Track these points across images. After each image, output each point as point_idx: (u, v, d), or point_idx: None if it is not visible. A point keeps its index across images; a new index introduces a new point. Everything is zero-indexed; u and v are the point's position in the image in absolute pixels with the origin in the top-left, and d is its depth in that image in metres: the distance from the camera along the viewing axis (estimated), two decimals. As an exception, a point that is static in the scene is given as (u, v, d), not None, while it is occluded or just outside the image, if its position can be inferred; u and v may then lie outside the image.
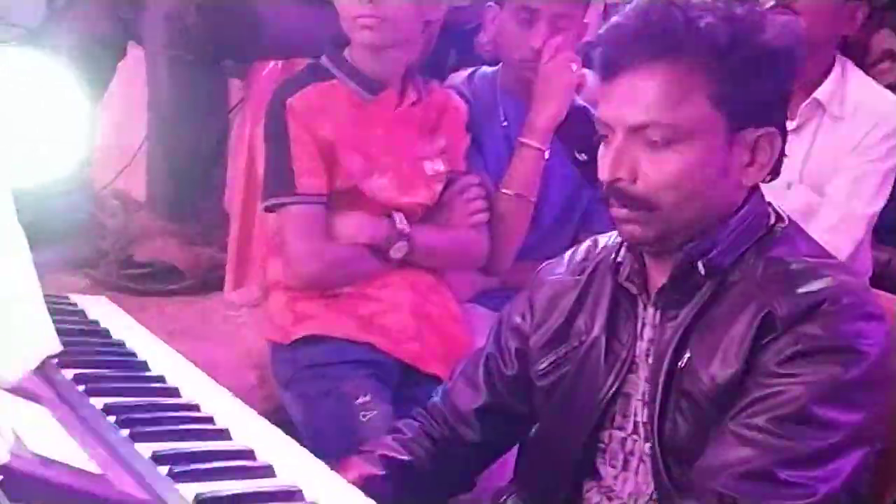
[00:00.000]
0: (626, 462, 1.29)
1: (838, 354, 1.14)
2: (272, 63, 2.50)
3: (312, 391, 1.84)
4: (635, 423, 1.28)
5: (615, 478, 1.29)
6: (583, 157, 2.18)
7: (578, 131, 2.15)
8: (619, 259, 1.30)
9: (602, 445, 1.30)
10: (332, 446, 1.58)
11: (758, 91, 1.20)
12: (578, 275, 1.37)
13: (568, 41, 2.06)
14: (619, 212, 1.22)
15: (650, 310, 1.27)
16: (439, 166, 1.96)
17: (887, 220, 2.38)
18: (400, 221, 1.87)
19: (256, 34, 2.39)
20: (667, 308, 1.24)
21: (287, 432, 1.17)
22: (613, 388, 1.28)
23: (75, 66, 1.37)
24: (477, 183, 2.01)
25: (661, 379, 1.22)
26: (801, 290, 1.16)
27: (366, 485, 1.19)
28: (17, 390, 0.92)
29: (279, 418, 1.56)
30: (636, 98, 1.18)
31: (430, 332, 1.92)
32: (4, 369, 0.85)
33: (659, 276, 1.25)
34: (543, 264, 1.47)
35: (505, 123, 2.13)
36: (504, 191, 2.07)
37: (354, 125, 1.88)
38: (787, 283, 1.18)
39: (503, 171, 2.09)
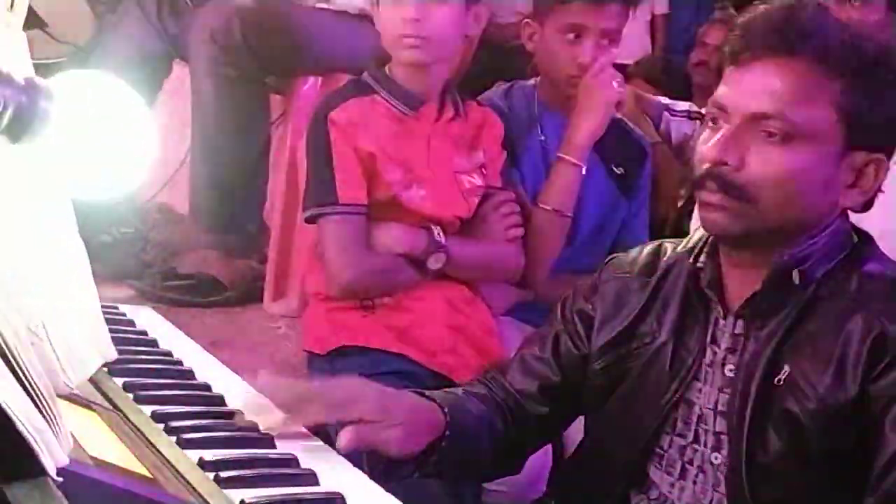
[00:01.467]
0: (683, 471, 1.28)
1: None
2: (312, 79, 2.55)
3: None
4: (697, 432, 1.27)
5: (671, 485, 1.29)
6: (619, 170, 2.21)
7: (615, 145, 2.18)
8: (699, 265, 1.29)
9: (660, 452, 1.30)
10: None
11: (884, 114, 1.20)
12: (647, 277, 1.35)
13: (612, 56, 2.09)
14: (711, 197, 1.20)
15: (729, 319, 1.26)
16: (476, 181, 1.99)
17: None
18: (438, 233, 1.91)
19: (299, 51, 2.45)
20: (753, 318, 1.23)
21: (325, 441, 1.19)
22: (678, 395, 1.27)
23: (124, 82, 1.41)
24: (513, 199, 2.04)
25: (753, 393, 1.20)
26: None
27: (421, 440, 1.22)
28: (71, 397, 0.96)
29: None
30: (766, 87, 1.18)
31: (465, 345, 1.95)
32: (65, 376, 0.88)
33: (737, 285, 1.25)
34: (609, 258, 1.46)
35: (542, 138, 2.15)
36: (541, 205, 2.09)
37: (394, 138, 1.92)
38: (893, 300, 1.18)
39: (539, 185, 2.11)
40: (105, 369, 1.15)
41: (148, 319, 1.49)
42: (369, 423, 1.18)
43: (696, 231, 1.34)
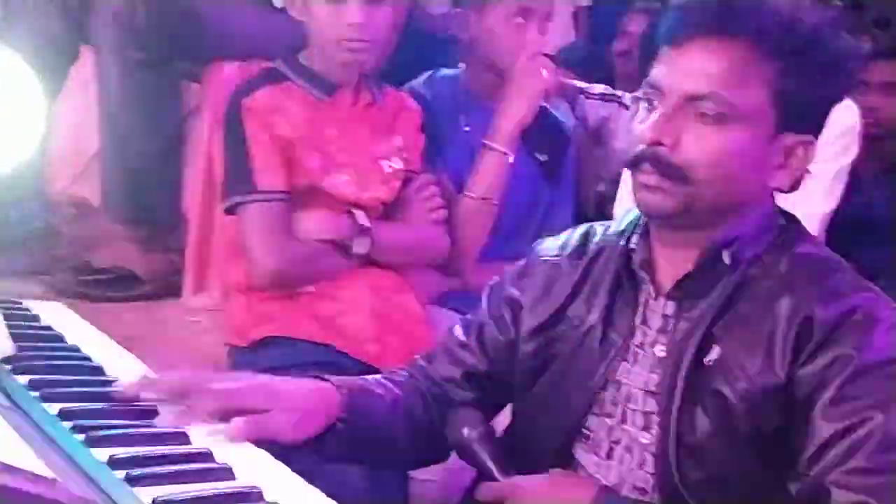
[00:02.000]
0: (610, 450, 1.27)
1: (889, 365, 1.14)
2: (227, 66, 2.48)
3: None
4: (625, 412, 1.26)
5: (598, 465, 1.28)
6: (543, 157, 2.20)
7: (539, 131, 2.16)
8: (631, 245, 1.28)
9: (587, 432, 1.29)
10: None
11: (815, 97, 1.20)
12: (577, 259, 1.35)
13: (545, 44, 2.09)
14: (647, 178, 1.20)
15: (661, 300, 1.25)
16: (397, 164, 1.96)
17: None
18: (361, 217, 1.87)
19: (204, 33, 2.37)
20: (684, 299, 1.23)
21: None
22: (606, 375, 1.26)
23: (29, 67, 1.35)
24: (434, 182, 2.01)
25: (683, 373, 1.20)
26: (837, 294, 1.16)
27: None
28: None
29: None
30: (702, 68, 1.17)
31: (391, 333, 1.91)
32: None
33: (669, 266, 1.25)
34: (538, 242, 1.45)
35: (467, 127, 2.14)
36: (468, 194, 2.07)
37: (311, 124, 1.88)
38: (821, 283, 1.18)
39: (465, 175, 2.09)
40: (7, 367, 1.09)
41: (55, 314, 1.43)
42: (260, 412, 1.17)
43: (629, 213, 1.33)
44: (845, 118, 2.23)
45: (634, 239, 1.29)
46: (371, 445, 1.34)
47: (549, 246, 1.40)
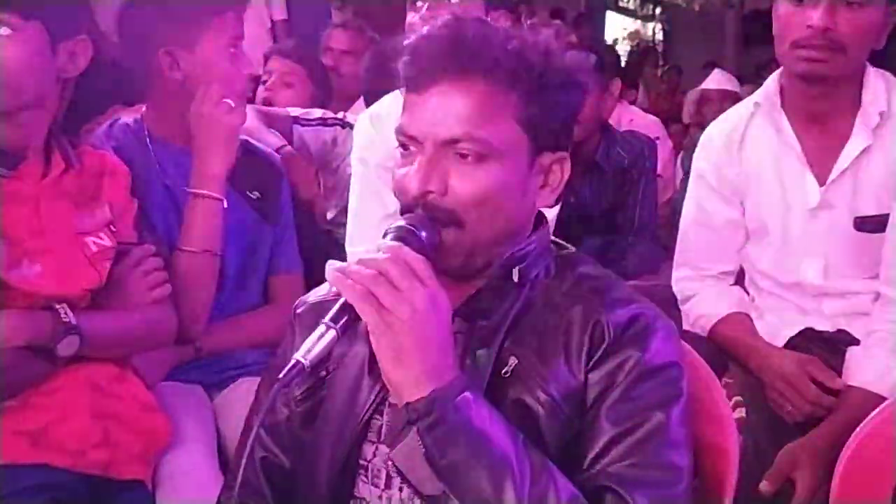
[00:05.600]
0: (388, 479, 1.23)
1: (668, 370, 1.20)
2: None
3: (-17, 535, 1.54)
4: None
5: (379, 498, 1.23)
6: (255, 194, 2.02)
7: (246, 169, 1.98)
8: None
9: (364, 463, 1.24)
10: None
11: (559, 117, 1.24)
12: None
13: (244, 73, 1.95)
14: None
15: None
16: (105, 241, 1.69)
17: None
18: (65, 313, 1.59)
19: None
20: (471, 317, 1.23)
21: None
22: (378, 399, 1.23)
23: None
24: (152, 253, 1.76)
25: (484, 385, 1.19)
26: (622, 302, 1.22)
27: None
28: None
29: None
30: (449, 112, 1.18)
31: (121, 432, 1.67)
32: None
33: (452, 289, 1.20)
34: (300, 299, 1.37)
35: (168, 182, 1.92)
36: (185, 248, 1.86)
37: (-11, 208, 1.58)
38: (606, 294, 1.24)
39: (173, 231, 1.89)
40: None
41: None
42: None
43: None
44: None
45: None
46: None
47: (314, 290, 1.37)
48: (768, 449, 1.79)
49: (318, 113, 2.78)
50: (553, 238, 1.33)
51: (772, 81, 1.97)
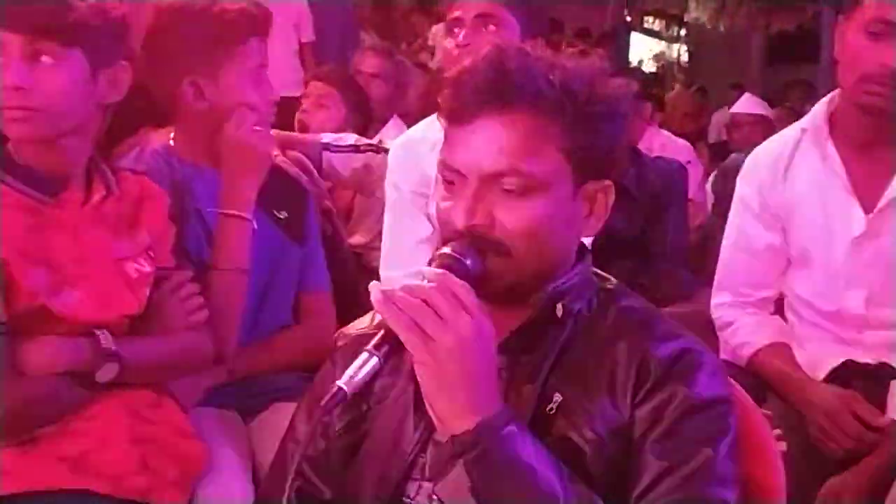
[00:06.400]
0: None
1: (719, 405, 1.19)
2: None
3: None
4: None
5: None
6: (283, 214, 2.03)
7: (273, 189, 1.99)
8: None
9: (407, 501, 1.23)
10: None
11: (603, 145, 1.23)
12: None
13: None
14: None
15: None
16: (144, 267, 1.69)
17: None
18: (105, 339, 1.59)
19: None
20: (515, 352, 1.22)
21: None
22: (424, 436, 1.21)
23: None
24: (190, 278, 1.77)
25: (527, 422, 1.17)
26: (668, 336, 1.21)
27: None
28: None
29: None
30: (493, 145, 1.18)
31: (159, 458, 1.66)
32: None
33: (495, 322, 1.17)
34: (341, 331, 1.37)
35: (198, 206, 1.93)
36: (217, 267, 1.87)
37: (31, 235, 1.58)
38: (651, 329, 1.22)
39: (202, 252, 1.90)
40: None
41: None
42: None
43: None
44: None
45: None
46: None
47: (355, 323, 1.41)
48: (809, 483, 1.77)
49: (350, 139, 2.79)
50: (594, 269, 1.31)
51: (821, 107, 1.95)
